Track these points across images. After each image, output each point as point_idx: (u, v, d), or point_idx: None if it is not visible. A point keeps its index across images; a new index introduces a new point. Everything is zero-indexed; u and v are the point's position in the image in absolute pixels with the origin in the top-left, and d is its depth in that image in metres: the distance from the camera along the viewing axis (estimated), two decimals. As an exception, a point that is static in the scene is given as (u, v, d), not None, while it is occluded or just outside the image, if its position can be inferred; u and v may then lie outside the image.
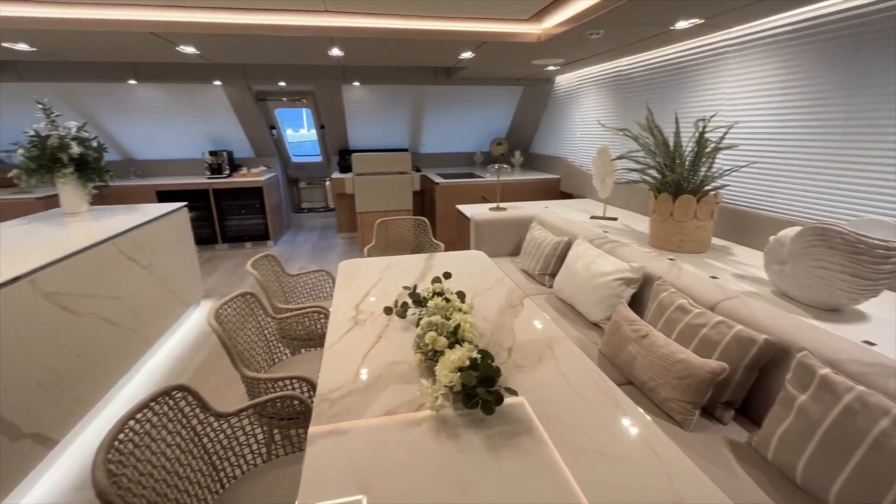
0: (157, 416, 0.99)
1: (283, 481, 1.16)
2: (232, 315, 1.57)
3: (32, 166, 2.50)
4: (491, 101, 5.06)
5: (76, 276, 1.97)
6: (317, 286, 2.41)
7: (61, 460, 1.84)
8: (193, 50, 2.89)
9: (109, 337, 2.17)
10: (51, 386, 1.76)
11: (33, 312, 1.72)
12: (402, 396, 1.15)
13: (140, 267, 2.51)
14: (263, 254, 2.14)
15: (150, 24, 2.26)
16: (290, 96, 4.98)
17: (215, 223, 4.96)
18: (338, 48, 2.92)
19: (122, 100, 4.36)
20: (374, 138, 5.50)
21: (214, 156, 4.93)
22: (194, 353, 2.70)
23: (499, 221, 3.13)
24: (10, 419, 1.55)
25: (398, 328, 1.53)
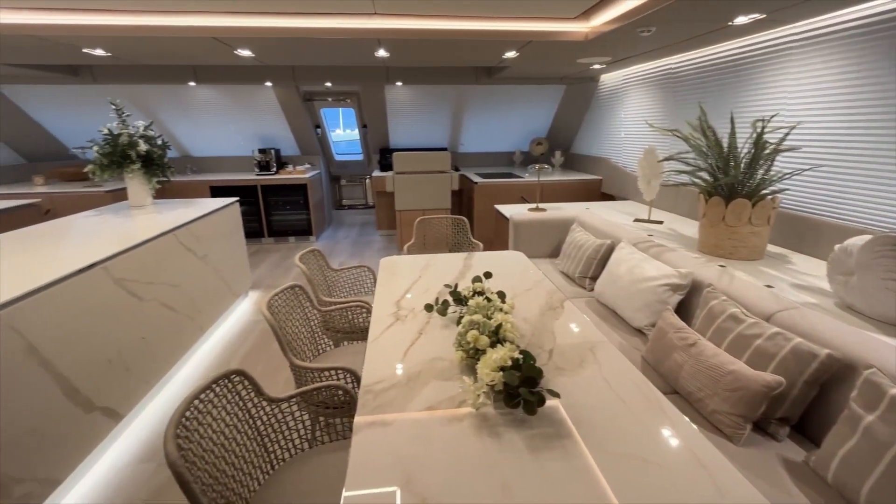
0: (217, 397, 1.06)
1: (326, 467, 1.21)
2: (282, 306, 1.65)
3: (105, 162, 2.72)
4: (532, 100, 5.00)
5: (142, 264, 2.13)
6: (358, 281, 2.48)
7: (126, 434, 2.00)
8: (249, 53, 3.04)
9: (169, 322, 2.33)
10: (119, 364, 1.92)
11: (105, 296, 1.88)
12: (442, 392, 1.17)
13: (197, 258, 2.67)
14: (310, 248, 2.22)
15: (213, 30, 2.40)
16: (335, 96, 5.13)
17: (262, 218, 5.19)
18: (384, 49, 2.99)
19: (182, 100, 4.65)
20: (414, 137, 5.58)
21: (263, 153, 5.16)
22: (242, 341, 2.85)
23: (538, 222, 3.11)
24: (85, 393, 1.71)
25: (438, 325, 1.56)
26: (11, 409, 1.40)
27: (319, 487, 1.14)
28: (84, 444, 1.71)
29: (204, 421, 1.00)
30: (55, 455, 1.56)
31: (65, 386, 1.61)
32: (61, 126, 4.79)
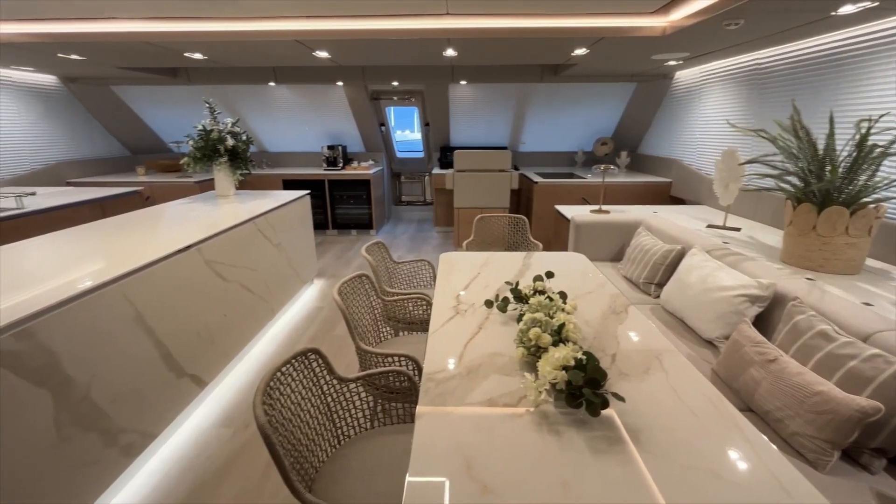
0: (295, 371, 1.16)
1: (386, 447, 1.28)
2: (349, 293, 1.74)
3: (198, 155, 3.01)
4: (598, 98, 4.84)
5: (227, 248, 2.35)
6: (417, 274, 2.55)
7: (208, 400, 2.21)
8: (326, 54, 3.22)
9: (247, 302, 2.55)
10: (205, 337, 2.13)
11: (197, 275, 2.09)
12: (502, 387, 1.19)
13: (272, 245, 2.89)
14: (375, 241, 2.32)
15: (296, 33, 2.57)
16: (400, 95, 5.29)
17: (328, 210, 5.47)
18: (452, 49, 3.04)
19: (261, 99, 5.02)
20: (475, 136, 5.60)
21: (331, 150, 5.44)
22: (308, 325, 3.04)
23: (601, 224, 3.01)
24: (178, 360, 1.92)
25: (497, 322, 1.57)
26: (122, 368, 1.61)
27: (380, 466, 1.20)
28: (174, 405, 1.92)
29: (284, 392, 1.10)
30: (152, 412, 1.77)
31: (163, 352, 1.83)
32: (160, 122, 5.36)
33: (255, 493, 1.66)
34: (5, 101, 3.92)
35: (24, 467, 1.25)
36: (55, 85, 4.39)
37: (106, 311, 1.54)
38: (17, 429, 1.24)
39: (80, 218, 3.24)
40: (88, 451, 1.47)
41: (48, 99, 4.34)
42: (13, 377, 1.22)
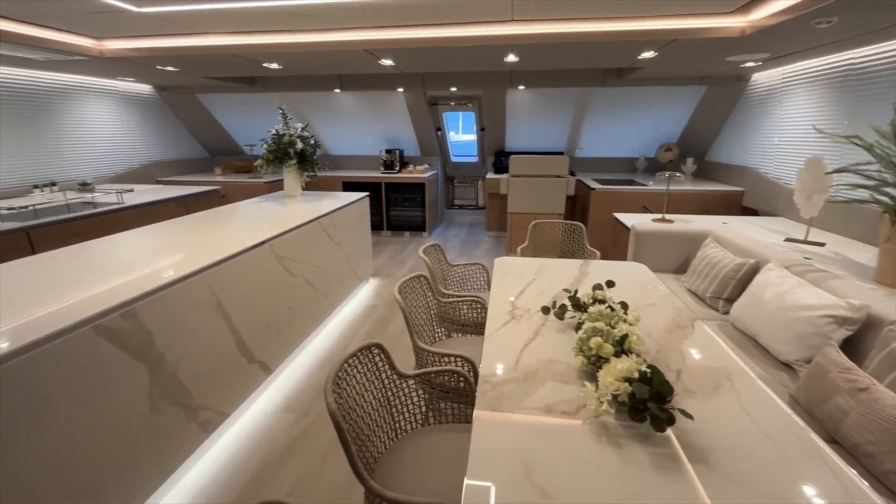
0: (360, 364, 1.22)
1: (439, 445, 1.31)
2: (408, 292, 1.80)
3: (270, 157, 3.24)
4: (664, 102, 4.63)
5: (295, 245, 2.50)
6: (471, 277, 2.58)
7: (273, 386, 2.37)
8: (390, 62, 3.35)
9: (310, 297, 2.70)
10: (272, 327, 2.28)
11: (268, 270, 2.25)
12: (559, 395, 1.18)
13: (333, 243, 3.04)
14: (431, 243, 2.38)
15: (365, 42, 2.70)
16: (457, 100, 5.36)
17: (383, 212, 5.65)
18: (514, 54, 3.05)
19: (327, 105, 5.30)
20: (531, 140, 5.56)
21: (389, 153, 5.62)
22: (363, 322, 3.16)
23: (663, 234, 2.88)
24: (249, 347, 2.07)
25: (554, 328, 1.56)
26: (203, 351, 1.77)
27: (435, 462, 1.23)
28: (244, 388, 2.07)
29: (350, 383, 1.16)
30: (226, 393, 1.93)
31: (237, 339, 1.98)
32: (235, 126, 5.80)
33: (314, 477, 1.76)
34: (110, 107, 4.43)
35: (124, 432, 1.42)
36: (150, 94, 4.90)
37: (193, 298, 1.71)
38: (120, 397, 1.40)
39: (169, 213, 3.59)
40: (174, 423, 1.63)
41: (144, 106, 4.85)
42: (119, 352, 1.39)
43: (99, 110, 4.30)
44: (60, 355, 1.21)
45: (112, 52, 2.93)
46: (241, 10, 2.24)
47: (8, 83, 3.48)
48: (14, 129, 3.54)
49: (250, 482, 1.73)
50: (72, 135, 4.01)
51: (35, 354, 1.15)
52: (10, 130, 3.52)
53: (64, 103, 3.93)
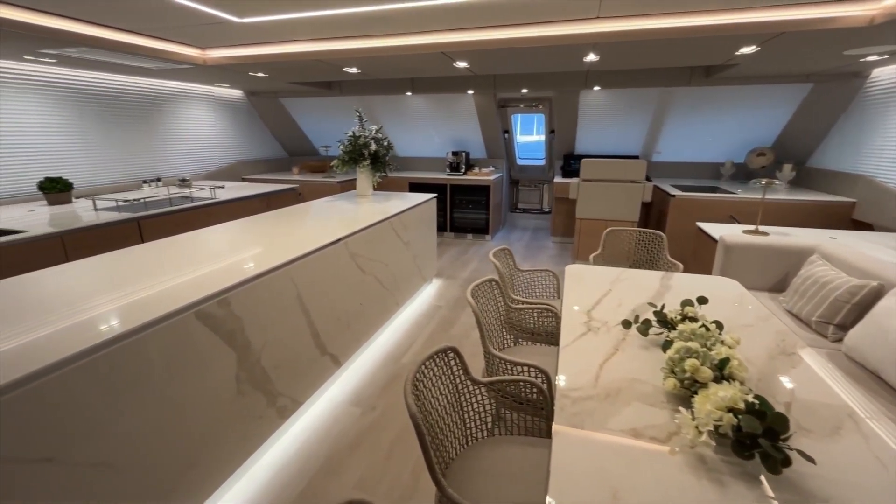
0: (436, 367, 1.22)
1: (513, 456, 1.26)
2: (480, 296, 1.77)
3: (346, 158, 3.37)
4: (758, 102, 4.22)
5: (367, 243, 2.58)
6: (540, 284, 2.50)
7: (341, 379, 2.46)
8: (465, 64, 3.36)
9: (378, 294, 2.77)
10: (343, 322, 2.37)
11: (342, 266, 2.34)
12: (647, 418, 1.09)
13: (402, 243, 3.10)
14: (501, 247, 2.34)
15: (443, 45, 2.73)
16: (527, 102, 5.26)
17: (447, 213, 5.69)
18: (594, 54, 2.92)
19: (398, 108, 5.44)
20: (603, 144, 5.32)
21: (456, 155, 5.65)
22: (426, 322, 3.19)
23: (757, 248, 2.61)
24: (323, 339, 2.16)
25: (636, 345, 1.46)
26: (283, 340, 1.87)
27: (508, 473, 1.19)
28: (317, 379, 2.17)
29: (426, 385, 1.16)
30: (301, 382, 2.02)
31: (313, 331, 2.08)
32: (312, 128, 6.14)
33: (380, 472, 1.79)
34: (206, 111, 4.87)
35: (214, 410, 1.53)
36: (241, 98, 5.32)
37: (277, 290, 1.81)
38: (213, 378, 1.51)
39: (253, 209, 3.87)
40: (256, 407, 1.73)
41: (235, 109, 5.28)
42: (214, 336, 1.50)
43: (197, 113, 4.75)
44: (167, 335, 1.33)
45: (213, 61, 3.21)
46: (328, 18, 2.34)
47: (126, 90, 3.94)
48: (129, 130, 4.01)
49: (320, 470, 1.80)
50: (174, 135, 4.46)
51: (149, 333, 1.27)
52: (126, 131, 3.99)
53: (168, 107, 4.39)
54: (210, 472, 1.53)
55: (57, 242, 2.42)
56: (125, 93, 3.93)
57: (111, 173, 3.90)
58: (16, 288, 1.52)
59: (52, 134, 3.41)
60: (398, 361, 2.64)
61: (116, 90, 3.86)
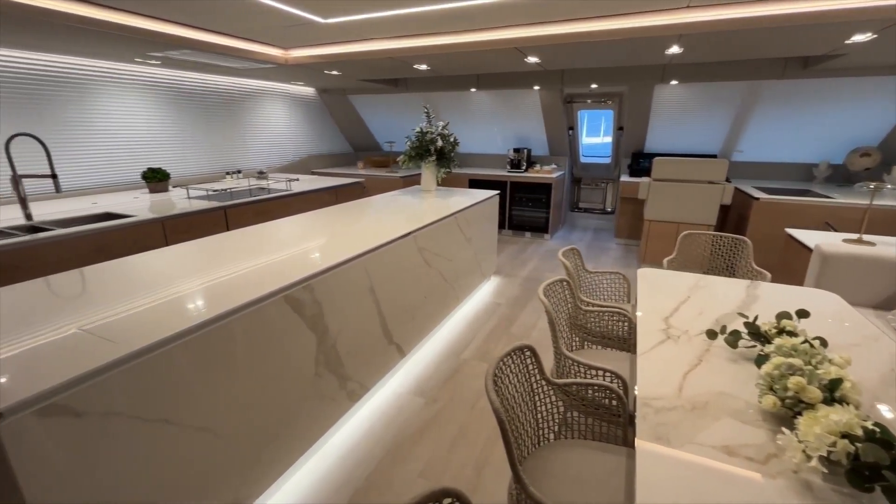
0: (513, 364, 1.21)
1: (586, 462, 1.24)
2: (550, 296, 1.75)
3: (413, 154, 3.44)
4: (864, 97, 3.77)
5: (433, 237, 2.62)
6: (608, 287, 2.41)
7: (404, 368, 2.53)
8: (536, 59, 3.30)
9: (441, 289, 2.81)
10: (409, 313, 2.43)
11: (410, 260, 2.39)
12: (741, 436, 1.02)
13: (465, 239, 3.12)
14: (570, 247, 2.28)
15: (517, 41, 2.70)
16: (595, 98, 5.07)
17: (506, 211, 5.64)
18: (678, 46, 2.75)
19: (461, 104, 5.46)
20: (677, 142, 5.01)
21: (517, 152, 5.58)
22: (486, 319, 3.19)
23: (861, 259, 2.34)
24: (390, 328, 2.23)
25: (723, 357, 1.37)
26: (356, 327, 1.95)
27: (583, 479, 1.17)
28: (383, 366, 2.24)
29: (503, 382, 1.16)
30: (369, 368, 2.11)
31: (382, 320, 2.15)
32: (376, 124, 6.32)
33: (444, 463, 1.82)
34: (281, 108, 5.18)
35: (294, 389, 1.63)
36: (313, 95, 5.60)
37: (353, 279, 1.90)
38: (295, 358, 1.62)
39: (323, 201, 4.06)
40: (329, 389, 1.83)
41: (307, 106, 5.57)
42: (299, 319, 1.60)
43: (274, 110, 5.06)
44: (260, 316, 1.44)
45: (294, 60, 3.40)
46: (407, 15, 2.40)
47: (215, 89, 4.28)
48: (215, 125, 4.36)
49: (387, 455, 1.86)
50: (253, 130, 4.79)
51: (246, 314, 1.38)
52: (213, 127, 4.34)
53: (250, 104, 4.71)
54: (288, 446, 1.64)
55: (158, 227, 2.69)
56: (213, 91, 4.28)
57: (200, 165, 4.27)
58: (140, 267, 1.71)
59: (154, 129, 3.79)
60: (459, 356, 2.67)
61: (206, 89, 4.20)
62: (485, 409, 2.18)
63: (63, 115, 3.15)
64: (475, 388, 2.35)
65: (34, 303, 1.36)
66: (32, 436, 0.91)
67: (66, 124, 3.17)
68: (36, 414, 0.91)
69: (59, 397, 0.94)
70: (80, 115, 3.25)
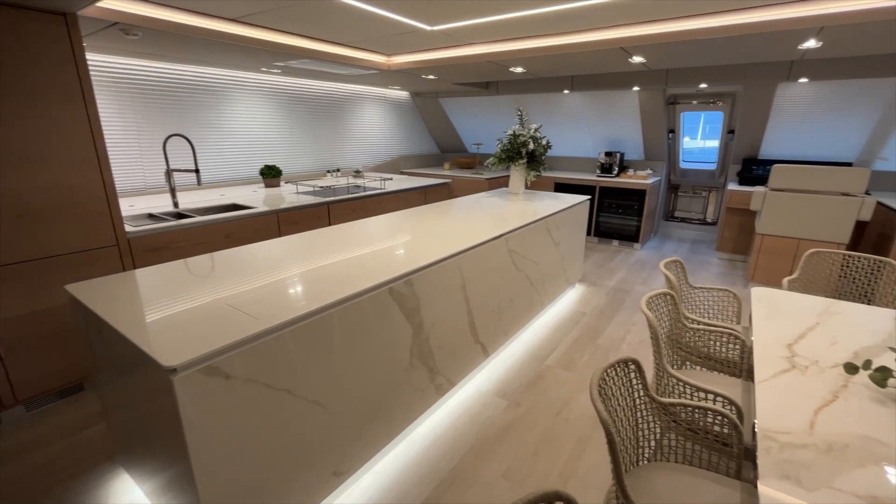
0: (617, 376, 1.18)
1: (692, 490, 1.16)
2: (654, 309, 1.66)
3: (503, 156, 3.45)
4: None
5: (523, 240, 2.62)
6: (715, 305, 2.22)
7: (488, 368, 2.56)
8: (642, 59, 3.13)
9: (526, 292, 2.79)
10: (495, 314, 2.45)
11: (500, 261, 2.41)
12: (891, 488, 0.89)
13: (553, 243, 3.06)
14: (672, 259, 2.14)
15: (622, 41, 2.59)
16: (702, 99, 4.67)
17: (592, 217, 5.42)
18: (815, 39, 2.44)
19: (551, 106, 5.35)
20: (800, 147, 4.44)
21: (609, 156, 5.33)
22: (570, 328, 3.10)
23: None
24: (476, 327, 2.27)
25: (865, 396, 1.20)
26: (447, 323, 2.02)
27: None
28: (468, 364, 2.29)
29: (606, 395, 1.13)
30: (456, 364, 2.17)
31: (470, 318, 2.20)
32: (464, 126, 6.43)
33: (528, 468, 1.81)
34: (377, 111, 5.48)
35: (390, 377, 1.74)
36: (406, 99, 5.85)
37: (447, 276, 1.96)
38: (394, 347, 1.72)
39: (413, 200, 4.24)
40: (420, 380, 1.92)
41: (401, 109, 5.83)
42: (399, 312, 1.70)
43: (371, 113, 5.38)
44: (367, 305, 1.55)
45: (396, 66, 3.59)
46: (511, 20, 2.42)
47: (320, 93, 4.67)
48: (319, 127, 4.75)
49: (470, 451, 1.90)
50: (351, 131, 5.14)
51: (355, 303, 1.50)
52: (317, 128, 4.73)
53: (349, 107, 5.06)
54: (382, 429, 1.75)
55: (274, 218, 3.01)
56: (319, 96, 4.66)
57: (305, 163, 4.68)
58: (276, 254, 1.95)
59: (269, 130, 4.23)
60: (542, 362, 2.63)
61: (313, 94, 4.60)
62: (570, 418, 2.13)
63: (202, 118, 3.65)
64: (559, 395, 2.30)
65: (189, 279, 1.61)
66: (195, 390, 1.08)
67: (203, 126, 3.68)
68: (200, 372, 1.08)
69: (216, 360, 1.11)
70: (214, 118, 3.74)
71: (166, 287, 1.52)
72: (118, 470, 1.77)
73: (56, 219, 2.03)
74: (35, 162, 1.93)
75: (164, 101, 3.37)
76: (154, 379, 1.11)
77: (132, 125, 3.21)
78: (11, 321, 1.98)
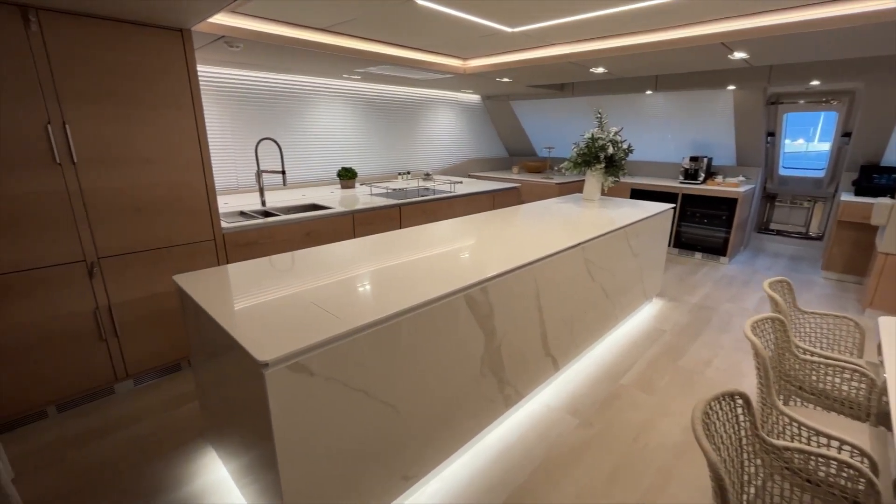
0: (721, 411, 1.05)
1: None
2: (760, 334, 1.47)
3: (579, 161, 3.30)
4: None
5: (600, 250, 2.48)
6: (829, 334, 1.94)
7: (556, 383, 2.44)
8: (743, 55, 2.85)
9: (601, 304, 2.64)
10: (567, 326, 2.34)
11: (576, 270, 2.30)
12: None
13: (632, 254, 2.87)
14: (778, 278, 1.90)
15: (723, 35, 2.36)
16: (811, 97, 4.16)
17: (673, 226, 5.03)
18: (975, 26, 2.05)
19: (633, 107, 5.05)
20: (939, 153, 3.78)
21: (694, 161, 4.92)
22: (648, 345, 2.88)
23: None
24: (548, 339, 2.18)
25: None
26: (519, 333, 1.95)
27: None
28: (537, 377, 2.20)
29: (710, 430, 1.01)
30: (525, 376, 2.09)
31: (542, 329, 2.12)
32: (534, 129, 6.28)
33: (602, 495, 1.70)
34: (448, 114, 5.52)
35: (462, 384, 1.71)
36: (477, 102, 5.84)
37: (522, 285, 1.90)
38: (466, 354, 1.69)
39: (482, 204, 4.21)
40: (490, 390, 1.87)
41: (471, 112, 5.83)
42: (472, 318, 1.67)
43: (442, 117, 5.43)
44: (443, 310, 1.54)
45: (472, 69, 3.58)
46: (595, 18, 2.30)
47: (394, 98, 4.79)
48: (392, 130, 4.87)
49: (539, 469, 1.82)
50: (422, 135, 5.22)
51: (430, 308, 1.49)
52: (390, 132, 4.85)
53: (422, 112, 5.14)
54: (451, 436, 1.73)
55: (349, 219, 3.13)
56: (393, 101, 4.79)
57: (378, 165, 4.83)
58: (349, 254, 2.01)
59: (347, 133, 4.42)
60: (617, 381, 2.47)
61: (387, 99, 4.73)
62: (650, 445, 1.96)
63: (288, 122, 3.90)
64: (636, 419, 2.14)
65: (274, 274, 1.70)
66: (284, 384, 1.13)
67: (289, 130, 3.92)
68: (288, 368, 1.12)
69: (302, 358, 1.15)
70: (299, 122, 3.98)
71: (258, 280, 1.62)
72: (206, 448, 1.92)
73: (166, 214, 2.26)
74: (153, 163, 2.17)
75: (256, 107, 3.65)
76: (247, 370, 1.18)
77: (228, 129, 3.51)
78: (127, 304, 2.23)
